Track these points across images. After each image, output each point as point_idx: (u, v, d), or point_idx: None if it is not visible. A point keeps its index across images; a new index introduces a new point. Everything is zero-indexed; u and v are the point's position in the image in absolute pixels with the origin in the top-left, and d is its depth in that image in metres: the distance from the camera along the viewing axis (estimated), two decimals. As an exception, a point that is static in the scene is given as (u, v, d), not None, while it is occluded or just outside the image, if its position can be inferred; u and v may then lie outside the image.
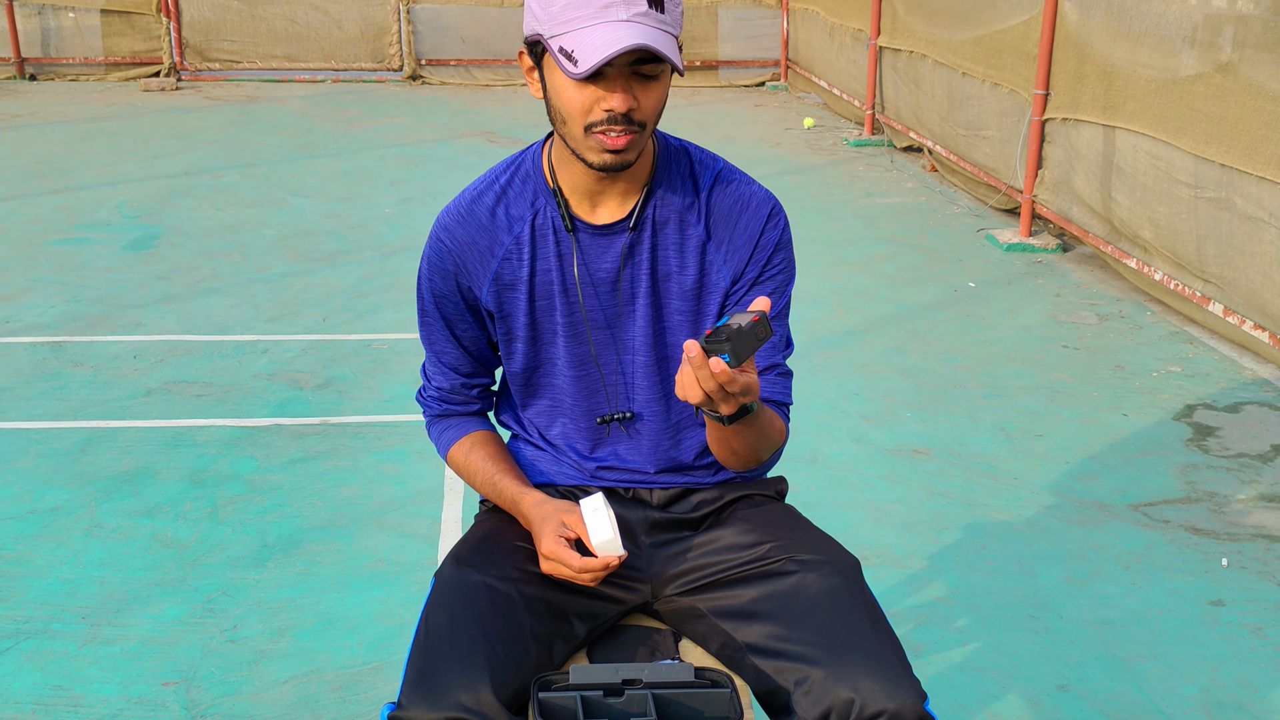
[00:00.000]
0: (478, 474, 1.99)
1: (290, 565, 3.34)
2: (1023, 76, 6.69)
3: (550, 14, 1.69)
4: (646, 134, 1.75)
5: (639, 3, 1.67)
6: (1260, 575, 3.37)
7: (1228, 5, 5.05)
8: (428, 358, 2.04)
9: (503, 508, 1.97)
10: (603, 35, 1.64)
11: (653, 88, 1.72)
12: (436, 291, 1.94)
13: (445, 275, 1.92)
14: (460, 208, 1.92)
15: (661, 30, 1.68)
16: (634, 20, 1.66)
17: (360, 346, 4.97)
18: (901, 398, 4.55)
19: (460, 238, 1.90)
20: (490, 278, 1.90)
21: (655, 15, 1.68)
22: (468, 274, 1.90)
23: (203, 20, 11.73)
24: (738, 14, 12.30)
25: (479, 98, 11.39)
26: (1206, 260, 5.00)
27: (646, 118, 1.73)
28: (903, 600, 3.22)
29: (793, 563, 1.84)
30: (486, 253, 1.89)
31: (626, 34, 1.64)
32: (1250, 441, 4.21)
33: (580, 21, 1.66)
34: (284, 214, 7.07)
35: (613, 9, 1.66)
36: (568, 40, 1.67)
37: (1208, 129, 4.97)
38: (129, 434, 4.13)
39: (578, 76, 1.65)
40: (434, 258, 1.93)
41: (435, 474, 3.85)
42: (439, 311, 1.96)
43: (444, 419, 2.07)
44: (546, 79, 1.76)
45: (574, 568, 1.76)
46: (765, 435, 1.83)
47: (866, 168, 8.58)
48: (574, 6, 1.67)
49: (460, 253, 1.90)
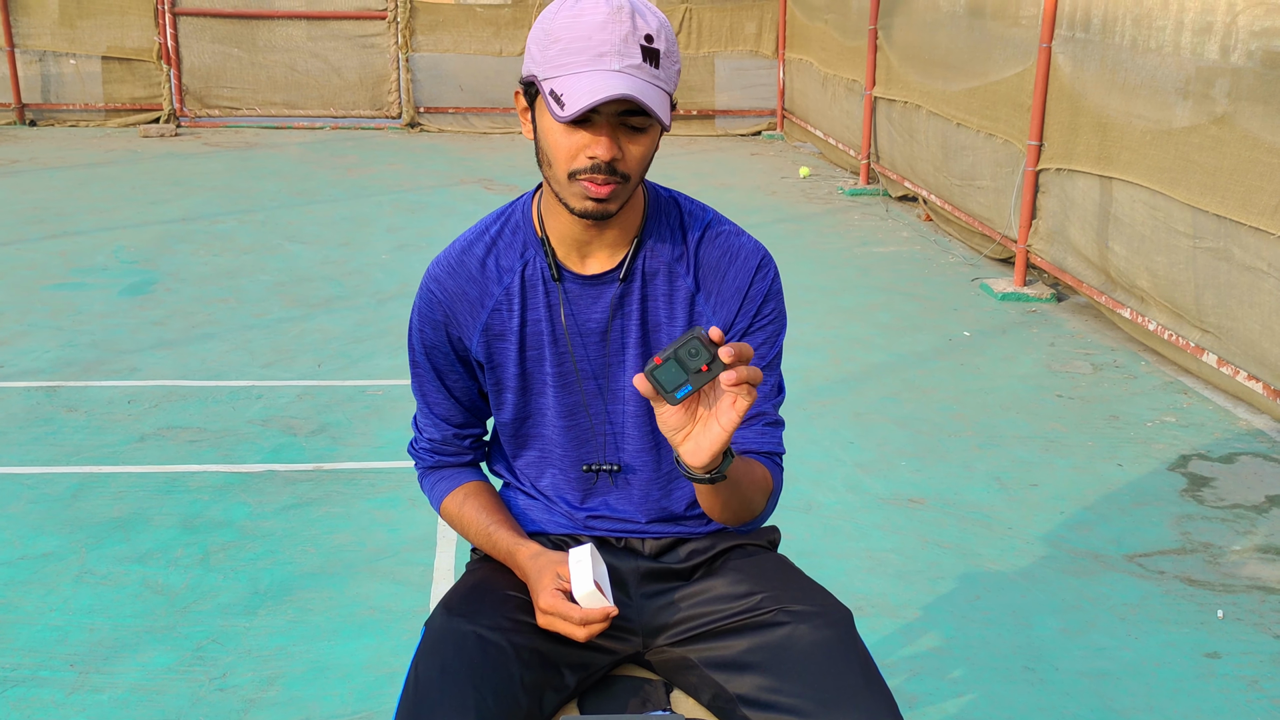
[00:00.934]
0: (471, 525, 1.98)
1: (281, 613, 3.32)
2: (1017, 127, 6.73)
3: (547, 56, 1.70)
4: (630, 186, 1.76)
5: (634, 55, 1.68)
6: (1256, 627, 3.35)
7: (1220, 58, 5.09)
8: (419, 409, 2.04)
9: (497, 559, 1.95)
10: (591, 82, 1.66)
11: (640, 140, 1.73)
12: (427, 342, 1.94)
13: (435, 326, 1.92)
14: (450, 259, 1.92)
15: (652, 84, 1.69)
16: (625, 71, 1.67)
17: (355, 392, 4.96)
18: (896, 446, 4.54)
19: (450, 289, 1.90)
20: (480, 328, 1.90)
21: (648, 69, 1.69)
22: (458, 324, 1.91)
23: (203, 67, 11.80)
24: (734, 64, 12.39)
25: (477, 145, 11.45)
26: (1205, 310, 5.01)
27: (630, 170, 1.74)
28: (897, 650, 3.21)
29: (784, 613, 1.83)
30: (476, 304, 1.90)
31: (615, 84, 1.65)
32: (1245, 492, 4.21)
33: (573, 67, 1.68)
34: (281, 260, 7.08)
35: (606, 59, 1.67)
36: (559, 84, 1.68)
37: (1203, 180, 5.00)
38: (121, 479, 4.12)
39: (562, 119, 1.66)
40: (424, 308, 1.93)
41: (428, 521, 3.84)
42: (430, 362, 1.96)
43: (437, 470, 2.06)
44: (538, 120, 1.77)
45: (574, 620, 1.74)
46: (748, 489, 1.82)
47: (862, 217, 8.62)
48: (569, 52, 1.68)
49: (450, 303, 1.90)
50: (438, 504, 2.04)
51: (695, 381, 1.56)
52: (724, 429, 1.60)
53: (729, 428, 1.60)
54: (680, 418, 1.63)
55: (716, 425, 1.61)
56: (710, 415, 1.61)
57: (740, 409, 1.58)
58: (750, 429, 1.92)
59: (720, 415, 1.60)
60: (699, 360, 1.55)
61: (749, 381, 1.56)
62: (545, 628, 1.80)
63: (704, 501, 1.82)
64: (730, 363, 1.55)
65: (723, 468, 1.69)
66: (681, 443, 1.65)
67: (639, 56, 1.68)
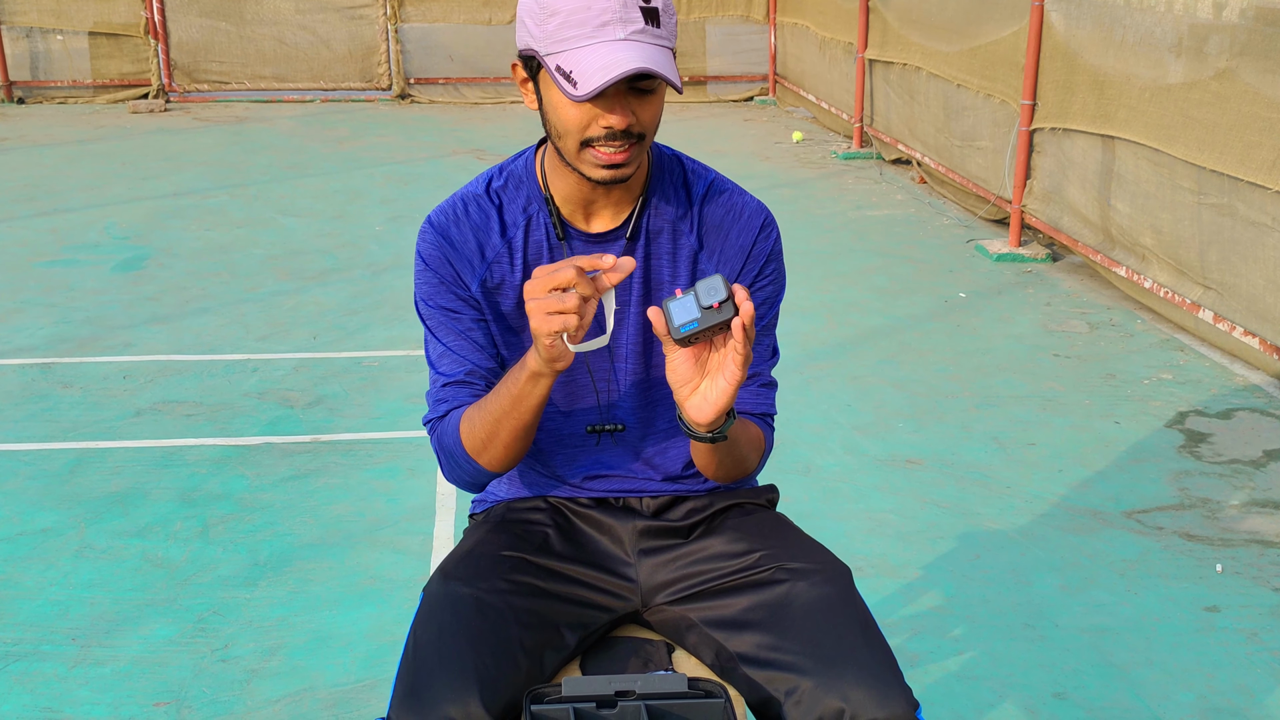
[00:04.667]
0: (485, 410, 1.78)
1: (281, 584, 3.32)
2: (1013, 87, 6.70)
3: (546, 31, 1.66)
4: (645, 145, 1.74)
5: (636, 19, 1.65)
6: (1255, 581, 3.36)
7: (1213, 15, 5.06)
8: (435, 364, 1.90)
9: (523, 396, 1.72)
10: (602, 56, 1.62)
11: (650, 102, 1.71)
12: (432, 283, 1.87)
13: (439, 264, 1.85)
14: (455, 209, 1.89)
15: (658, 46, 1.67)
16: (631, 39, 1.64)
17: (351, 364, 4.96)
18: (894, 408, 4.54)
19: (453, 236, 1.87)
20: (479, 280, 1.87)
21: (652, 31, 1.66)
22: (456, 272, 1.87)
23: (191, 42, 11.73)
24: (725, 29, 12.33)
25: (468, 116, 11.40)
26: (1209, 266, 5.00)
27: (645, 130, 1.72)
28: (898, 610, 3.21)
29: (783, 571, 1.83)
30: (476, 254, 1.87)
31: (626, 56, 1.62)
32: (1242, 447, 4.21)
33: (577, 41, 1.64)
34: (273, 233, 7.06)
35: (609, 28, 1.64)
36: (565, 60, 1.65)
37: (1200, 136, 4.98)
38: (119, 454, 4.11)
39: (579, 98, 1.62)
40: (426, 251, 1.87)
41: (427, 490, 3.84)
42: (439, 303, 1.87)
43: (443, 420, 1.88)
44: (543, 94, 1.74)
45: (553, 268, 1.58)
46: (739, 452, 1.83)
47: (856, 180, 8.59)
48: (570, 25, 1.64)
49: (450, 253, 1.86)
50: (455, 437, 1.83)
51: (704, 319, 1.55)
52: (729, 384, 1.60)
53: (734, 382, 1.60)
54: (688, 368, 1.62)
55: (722, 379, 1.61)
56: (719, 370, 1.61)
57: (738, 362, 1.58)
58: (746, 389, 1.91)
59: (725, 371, 1.60)
60: (713, 297, 1.55)
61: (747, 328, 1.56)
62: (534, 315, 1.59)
63: (700, 459, 1.82)
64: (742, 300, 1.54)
65: (724, 427, 1.68)
66: (688, 397, 1.64)
67: (641, 19, 1.65)
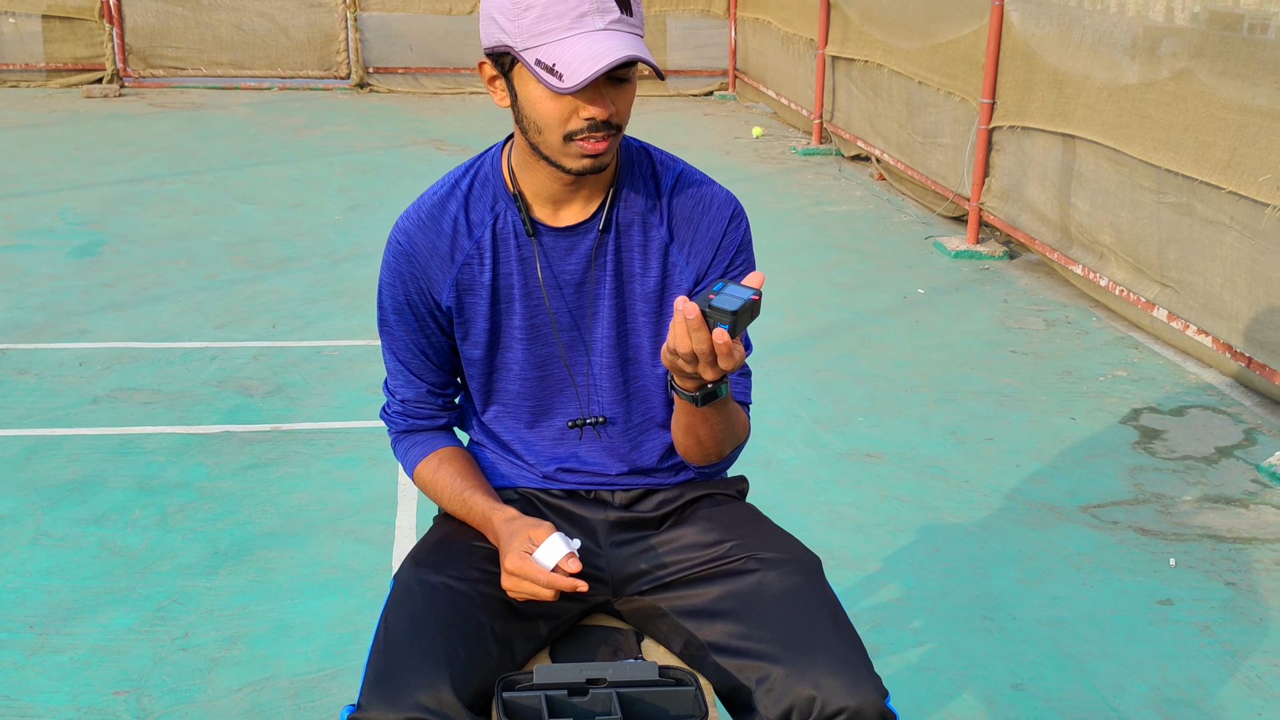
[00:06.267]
0: (445, 491, 1.94)
1: (242, 573, 3.30)
2: (973, 86, 6.75)
3: (521, 26, 1.66)
4: (621, 135, 1.76)
5: (612, 9, 1.66)
6: (1207, 575, 3.42)
7: (1165, 18, 5.13)
8: (391, 371, 2.00)
9: (472, 525, 1.92)
10: (586, 47, 1.63)
11: (625, 90, 1.73)
12: (397, 297, 1.91)
13: (406, 280, 1.90)
14: (420, 213, 1.90)
15: (634, 34, 1.68)
16: (610, 29, 1.66)
17: (311, 353, 4.93)
18: (853, 402, 4.58)
19: (420, 243, 1.88)
20: (451, 283, 1.88)
21: (627, 20, 1.68)
22: (428, 278, 1.89)
23: (146, 26, 11.60)
24: (685, 23, 12.34)
25: (427, 106, 11.34)
26: (1167, 265, 5.07)
27: (622, 120, 1.73)
28: (859, 602, 3.24)
29: (754, 561, 1.85)
30: (447, 258, 1.88)
31: (610, 45, 1.63)
32: (1195, 444, 4.28)
33: (556, 33, 1.65)
34: (231, 221, 7.00)
35: (588, 18, 1.65)
36: (545, 53, 1.65)
37: (1157, 136, 5.04)
38: (76, 441, 4.07)
39: (565, 91, 1.63)
40: (394, 263, 1.91)
41: (389, 480, 3.83)
42: (400, 319, 1.93)
43: (410, 435, 2.02)
44: (518, 90, 1.74)
45: (541, 581, 1.71)
46: (732, 425, 1.84)
47: (815, 176, 8.64)
48: (548, 18, 1.65)
49: (420, 257, 1.88)
50: (411, 470, 2.00)
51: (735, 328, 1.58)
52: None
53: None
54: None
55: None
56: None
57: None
58: None
59: None
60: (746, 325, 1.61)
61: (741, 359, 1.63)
62: (509, 590, 1.76)
63: (684, 437, 1.82)
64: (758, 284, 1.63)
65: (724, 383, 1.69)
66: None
67: (617, 9, 1.67)
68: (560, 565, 1.71)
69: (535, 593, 1.73)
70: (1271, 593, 3.33)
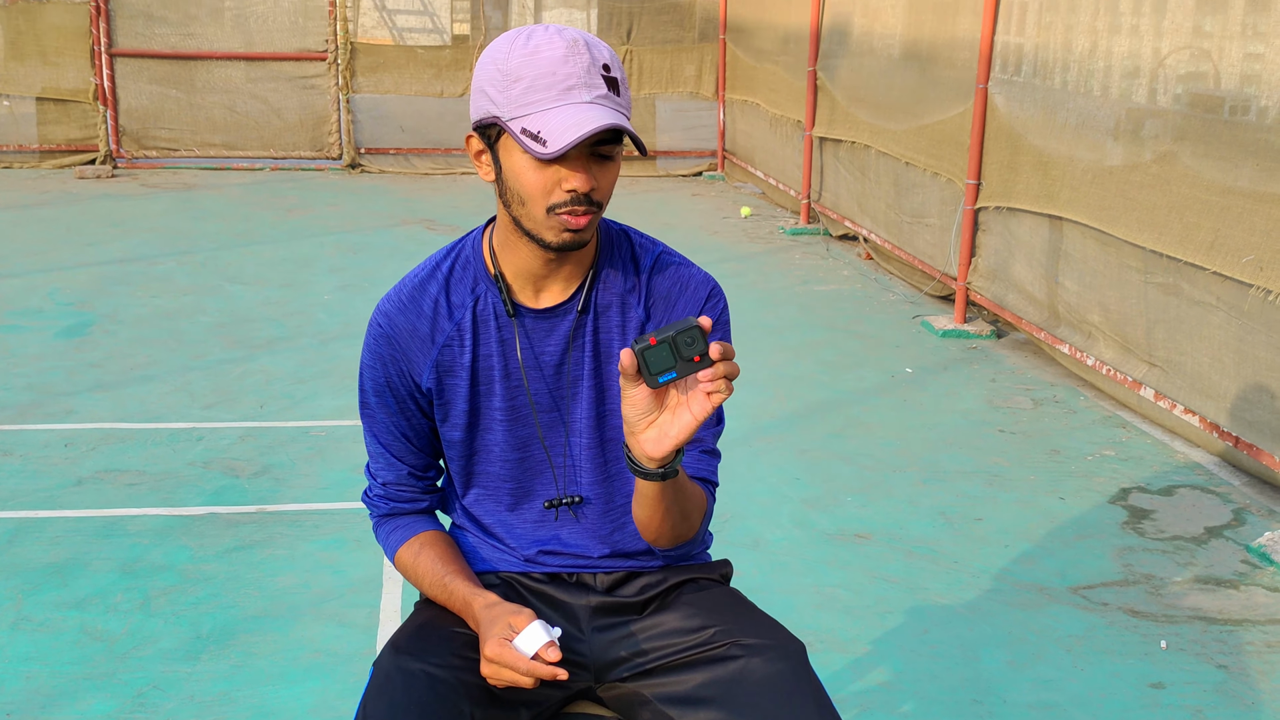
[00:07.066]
0: (426, 576, 1.93)
1: (224, 657, 3.26)
2: (959, 167, 6.83)
3: (510, 97, 1.70)
4: (602, 213, 1.78)
5: (599, 85, 1.70)
6: (1198, 657, 3.39)
7: (1148, 100, 5.20)
8: (372, 454, 2.00)
9: (453, 611, 1.90)
10: (571, 116, 1.67)
11: (609, 168, 1.75)
12: (378, 380, 1.92)
13: (386, 362, 1.90)
14: (401, 295, 1.91)
15: (620, 112, 1.71)
16: (596, 102, 1.69)
17: (298, 433, 4.91)
18: (842, 482, 4.56)
19: (401, 325, 1.89)
20: (431, 364, 1.89)
21: (613, 98, 1.72)
22: (408, 361, 1.89)
23: (140, 108, 11.70)
24: (675, 105, 12.48)
25: (418, 186, 11.43)
26: (1155, 344, 5.09)
27: (604, 197, 1.76)
28: (847, 685, 3.21)
29: (737, 647, 1.83)
30: (427, 340, 1.89)
31: (594, 115, 1.67)
32: (1184, 524, 4.26)
33: (544, 104, 1.69)
34: (221, 301, 7.01)
35: (575, 91, 1.69)
36: (532, 121, 1.68)
37: (1141, 217, 5.09)
38: (58, 524, 4.04)
39: (547, 157, 1.66)
40: (375, 345, 1.91)
41: (374, 562, 3.80)
42: (381, 401, 1.93)
43: (391, 519, 2.02)
44: (503, 161, 1.76)
45: (521, 669, 1.69)
46: (689, 502, 1.82)
47: (803, 256, 8.69)
48: (536, 89, 1.69)
49: (401, 340, 1.89)
50: (392, 554, 1.99)
51: (682, 369, 1.58)
52: (695, 418, 1.61)
53: (700, 417, 1.61)
54: (649, 402, 1.63)
55: (688, 413, 1.62)
56: (683, 403, 1.62)
57: (715, 401, 1.60)
58: (689, 455, 1.92)
59: (693, 404, 1.61)
60: (693, 350, 1.58)
61: (728, 377, 1.59)
62: (489, 677, 1.74)
63: (645, 510, 1.80)
64: (716, 359, 1.57)
65: (675, 462, 1.69)
66: (644, 430, 1.65)
67: (604, 86, 1.70)
68: (540, 653, 1.69)
69: (515, 680, 1.71)
70: (1263, 676, 3.31)
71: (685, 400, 1.62)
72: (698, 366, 1.58)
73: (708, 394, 1.60)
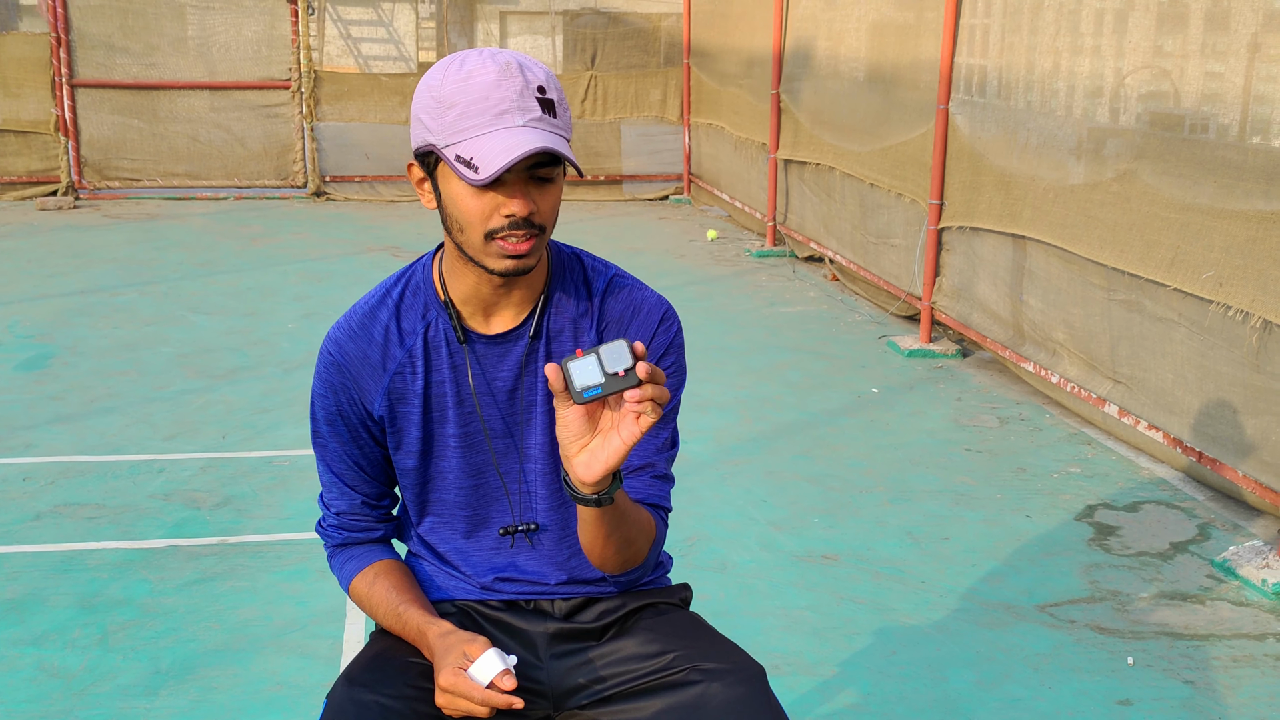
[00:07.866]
0: (381, 605, 1.90)
1: (184, 693, 3.21)
2: (922, 187, 6.85)
3: (443, 124, 1.69)
4: (546, 238, 1.76)
5: (533, 108, 1.69)
6: (1165, 673, 3.39)
7: (1109, 119, 5.24)
8: (325, 483, 1.97)
9: (408, 640, 1.88)
10: (503, 140, 1.65)
11: (549, 191, 1.73)
12: (329, 408, 1.90)
13: (338, 390, 1.88)
14: (351, 323, 1.89)
15: (556, 134, 1.70)
16: (530, 125, 1.68)
17: (260, 464, 4.87)
18: (809, 504, 4.55)
19: (351, 352, 1.87)
20: (383, 392, 1.87)
21: (549, 120, 1.70)
22: (360, 389, 1.87)
23: (102, 139, 11.62)
24: (640, 130, 12.50)
25: (383, 213, 11.40)
26: (1119, 360, 5.11)
27: (545, 220, 1.73)
28: (815, 708, 3.19)
29: (696, 672, 1.81)
30: (379, 367, 1.86)
31: (526, 139, 1.65)
32: (1150, 540, 4.27)
33: (476, 130, 1.67)
34: (183, 331, 6.96)
35: (508, 115, 1.67)
36: (464, 148, 1.67)
37: (1103, 235, 5.12)
38: (15, 559, 3.98)
39: (480, 183, 1.65)
40: (325, 373, 1.89)
41: (337, 593, 3.75)
42: (333, 430, 1.91)
43: (346, 549, 1.99)
44: (441, 189, 1.75)
45: (475, 698, 1.67)
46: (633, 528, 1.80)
47: (769, 278, 8.70)
48: (468, 115, 1.67)
49: (352, 368, 1.87)
50: (346, 584, 1.96)
51: (608, 386, 1.56)
52: (624, 442, 1.59)
53: (629, 441, 1.59)
54: (581, 425, 1.61)
55: (618, 438, 1.60)
56: (613, 428, 1.60)
57: (644, 425, 1.58)
58: (639, 479, 1.90)
59: (623, 428, 1.59)
60: (618, 364, 1.56)
61: (655, 400, 1.56)
62: (443, 707, 1.72)
63: (588, 535, 1.78)
64: (644, 379, 1.55)
65: (611, 489, 1.67)
66: (577, 454, 1.63)
67: (538, 109, 1.69)
68: (495, 682, 1.66)
69: (470, 709, 1.68)
70: (1230, 690, 3.30)
71: (616, 424, 1.60)
72: (623, 383, 1.56)
73: (635, 416, 1.58)
